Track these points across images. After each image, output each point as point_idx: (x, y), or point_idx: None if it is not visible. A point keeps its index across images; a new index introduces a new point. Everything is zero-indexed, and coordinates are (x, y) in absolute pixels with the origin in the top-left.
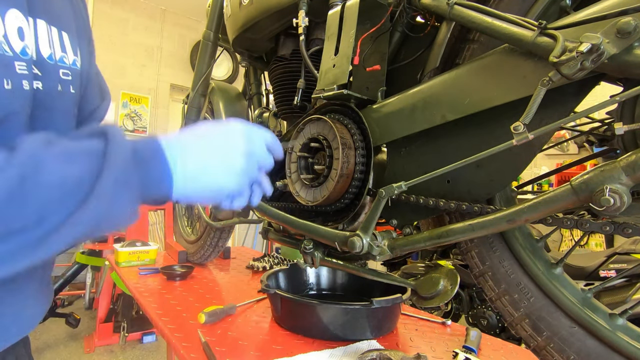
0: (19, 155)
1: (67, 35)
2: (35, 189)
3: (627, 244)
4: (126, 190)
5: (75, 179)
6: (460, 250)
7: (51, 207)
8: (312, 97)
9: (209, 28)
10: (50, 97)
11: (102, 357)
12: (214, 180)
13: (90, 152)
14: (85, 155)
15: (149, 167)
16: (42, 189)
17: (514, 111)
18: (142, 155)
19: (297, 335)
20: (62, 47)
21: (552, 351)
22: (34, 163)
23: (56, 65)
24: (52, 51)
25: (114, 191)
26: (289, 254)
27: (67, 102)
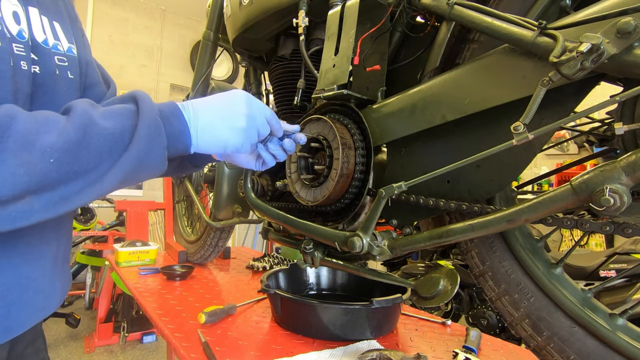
0: (77, 112)
1: (59, 25)
2: (93, 138)
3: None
4: (156, 139)
5: (119, 130)
6: (460, 250)
7: (105, 153)
8: (312, 97)
9: (209, 28)
10: (49, 79)
11: (102, 357)
12: (221, 134)
13: (128, 111)
14: (124, 113)
15: (171, 122)
16: (98, 138)
17: (514, 111)
18: (166, 113)
19: (297, 335)
20: (55, 35)
21: (552, 351)
22: (89, 118)
23: (51, 51)
24: (45, 37)
25: (148, 139)
26: (289, 254)
27: (67, 86)
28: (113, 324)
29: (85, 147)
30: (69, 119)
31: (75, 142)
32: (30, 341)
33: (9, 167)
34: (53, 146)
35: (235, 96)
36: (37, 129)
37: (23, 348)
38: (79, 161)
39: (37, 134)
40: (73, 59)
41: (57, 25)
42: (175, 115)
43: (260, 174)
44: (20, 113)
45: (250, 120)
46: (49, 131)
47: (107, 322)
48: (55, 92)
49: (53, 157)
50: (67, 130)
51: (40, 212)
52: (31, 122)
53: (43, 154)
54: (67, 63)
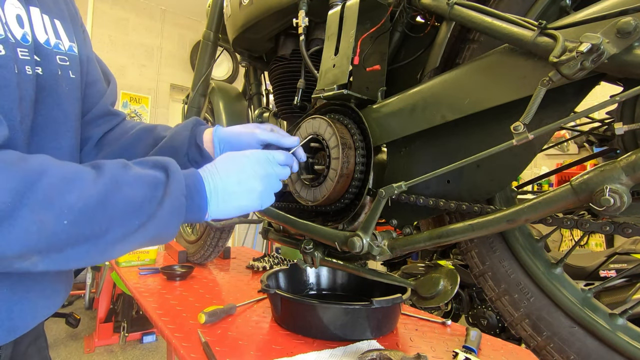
0: (106, 175)
1: (60, 23)
2: (115, 203)
3: (627, 244)
4: (177, 216)
5: (142, 201)
6: (460, 250)
7: (120, 220)
8: (312, 97)
9: (209, 28)
10: (51, 81)
11: (102, 357)
12: (239, 202)
13: (157, 181)
14: (152, 183)
15: (193, 198)
16: (119, 204)
17: (514, 111)
18: (191, 189)
19: (297, 335)
20: (56, 34)
21: (552, 351)
22: (115, 183)
23: (52, 51)
24: (47, 36)
25: (169, 216)
26: (289, 254)
27: (69, 86)
28: (113, 324)
29: (102, 212)
30: (96, 180)
31: (94, 206)
32: (32, 340)
33: (24, 223)
34: (72, 208)
35: (250, 159)
36: (61, 187)
37: (25, 347)
38: (92, 225)
39: (60, 193)
40: (74, 57)
41: (58, 23)
42: (198, 191)
43: None
44: (51, 168)
45: (267, 180)
46: (72, 191)
47: (107, 322)
48: (58, 93)
49: (68, 219)
50: (90, 192)
51: (41, 269)
52: (58, 179)
53: (59, 214)
54: (69, 62)
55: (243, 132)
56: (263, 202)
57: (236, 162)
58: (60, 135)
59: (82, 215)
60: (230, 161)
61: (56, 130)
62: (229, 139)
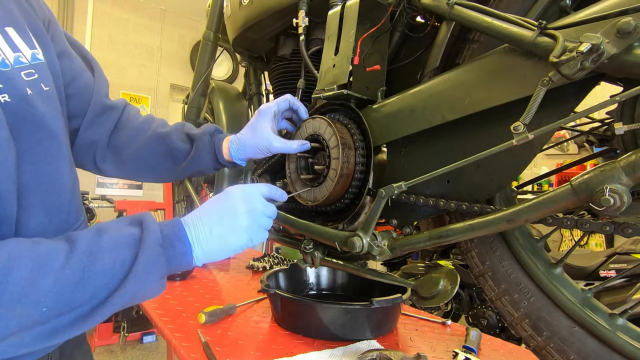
0: (78, 249)
1: (14, 30)
2: (91, 277)
3: (627, 244)
4: (155, 268)
5: (119, 263)
6: (460, 250)
7: (101, 287)
8: (312, 97)
9: (209, 28)
10: (23, 104)
11: (102, 357)
12: (226, 242)
13: (131, 238)
14: (126, 242)
15: (174, 245)
16: (96, 276)
17: (514, 111)
18: (170, 237)
19: (297, 335)
20: (12, 47)
21: (552, 351)
22: (90, 256)
23: (14, 70)
24: (2, 57)
25: (146, 269)
26: (289, 254)
27: (45, 101)
28: (113, 324)
29: (81, 288)
30: (69, 256)
31: (71, 285)
32: (75, 345)
33: (2, 321)
34: (48, 294)
35: (229, 196)
36: (34, 277)
37: (71, 350)
38: (72, 301)
39: (34, 284)
40: (41, 66)
41: (10, 31)
42: (178, 237)
43: (260, 174)
44: (19, 258)
45: (251, 215)
46: (47, 275)
47: (107, 322)
48: (34, 115)
49: (47, 305)
50: (65, 273)
51: (31, 345)
52: (28, 269)
53: (37, 304)
54: (37, 75)
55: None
56: (252, 237)
57: (218, 203)
58: (53, 156)
59: (60, 297)
60: (212, 203)
61: (46, 152)
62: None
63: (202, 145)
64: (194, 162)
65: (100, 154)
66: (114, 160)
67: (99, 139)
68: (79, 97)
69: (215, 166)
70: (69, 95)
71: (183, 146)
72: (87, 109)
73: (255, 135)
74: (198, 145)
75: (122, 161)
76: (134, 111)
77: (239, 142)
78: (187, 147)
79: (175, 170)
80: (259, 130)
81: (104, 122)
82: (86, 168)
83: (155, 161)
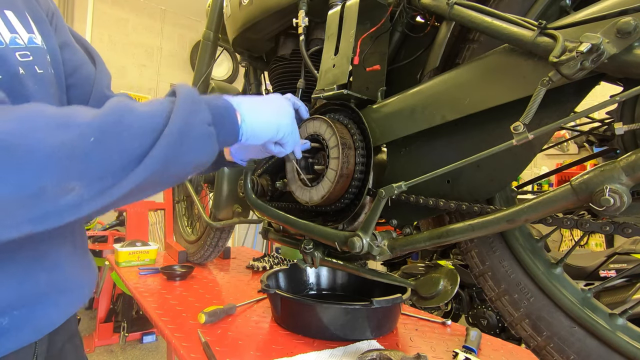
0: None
1: (13, 13)
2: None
3: (627, 244)
4: (197, 111)
5: (159, 111)
6: (460, 250)
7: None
8: (312, 97)
9: (209, 28)
10: (14, 82)
11: (102, 357)
12: (270, 118)
13: (166, 99)
14: (162, 100)
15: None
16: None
17: (514, 111)
18: (208, 98)
19: (297, 335)
20: (9, 28)
21: (552, 351)
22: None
23: (8, 49)
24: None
25: (188, 110)
26: (289, 254)
27: (38, 84)
28: (113, 324)
29: (125, 128)
30: (102, 108)
31: (112, 123)
32: (67, 338)
33: (47, 148)
34: (90, 124)
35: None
36: (66, 114)
37: (61, 344)
38: (120, 141)
39: (68, 117)
40: (38, 50)
41: (9, 14)
42: (219, 98)
43: (260, 174)
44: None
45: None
46: (80, 115)
47: (107, 322)
48: (25, 94)
49: (94, 135)
50: (100, 114)
51: (89, 204)
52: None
53: (81, 133)
54: (32, 57)
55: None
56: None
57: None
58: None
59: (105, 133)
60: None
61: None
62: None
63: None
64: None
65: None
66: None
67: None
68: (80, 88)
69: (216, 165)
70: (71, 85)
71: None
72: (88, 100)
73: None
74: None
75: None
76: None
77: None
78: None
79: None
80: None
81: None
82: None
83: None
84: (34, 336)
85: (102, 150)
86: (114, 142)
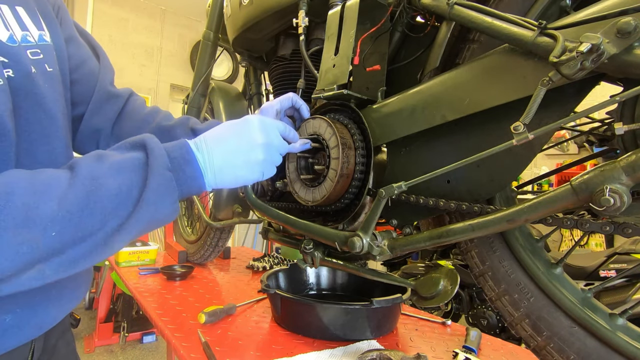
0: (80, 173)
1: (24, 9)
2: (97, 202)
3: (627, 244)
4: (167, 192)
5: (126, 189)
6: (460, 250)
7: (111, 214)
8: (312, 97)
9: (209, 28)
10: (26, 81)
11: (102, 357)
12: (239, 172)
13: (136, 162)
14: (132, 165)
15: (184, 169)
16: (102, 201)
17: (514, 111)
18: (178, 160)
19: (297, 335)
20: (21, 26)
21: (552, 351)
22: (93, 180)
23: (20, 47)
24: (10, 32)
25: (158, 195)
26: (289, 254)
27: (48, 82)
28: (113, 324)
29: (88, 214)
30: (71, 181)
31: (77, 210)
32: (60, 334)
33: (12, 247)
34: (54, 219)
35: (248, 125)
36: (36, 201)
37: (55, 340)
38: (82, 228)
39: (37, 208)
40: (47, 47)
41: (20, 11)
42: (187, 160)
43: None
44: (17, 184)
45: (267, 149)
46: (49, 200)
47: (107, 322)
48: (36, 93)
49: (55, 230)
50: (69, 198)
51: (53, 275)
52: (29, 195)
53: (44, 229)
54: (42, 55)
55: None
56: (265, 172)
57: (235, 130)
58: (50, 136)
59: (67, 222)
60: (228, 128)
61: (43, 132)
62: None
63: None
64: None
65: (103, 143)
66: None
67: (103, 127)
68: (84, 83)
69: None
70: (75, 81)
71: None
72: (91, 96)
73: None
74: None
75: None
76: (140, 101)
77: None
78: None
79: None
80: None
81: (108, 110)
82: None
83: None
84: (35, 333)
85: (62, 240)
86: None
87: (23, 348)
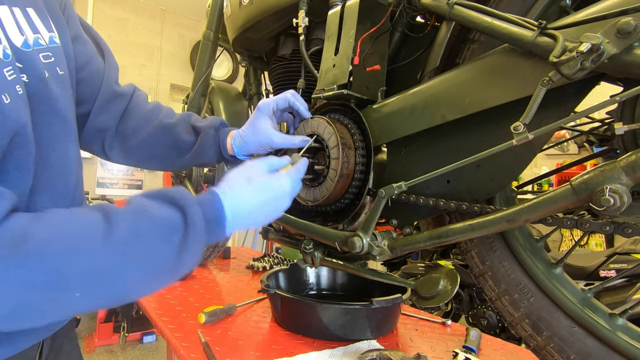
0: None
1: (34, 11)
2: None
3: (627, 244)
4: (197, 253)
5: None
6: (460, 250)
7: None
8: (312, 97)
9: (209, 28)
10: (40, 86)
11: (102, 357)
12: (258, 222)
13: (173, 226)
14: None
15: (214, 230)
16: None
17: (514, 111)
18: (212, 224)
19: (297, 335)
20: (32, 28)
21: (552, 351)
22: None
23: (34, 51)
24: (24, 37)
25: (190, 260)
26: (289, 254)
27: (60, 85)
28: (113, 324)
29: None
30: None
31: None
32: (65, 333)
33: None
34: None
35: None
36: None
37: (61, 339)
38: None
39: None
40: (57, 50)
41: (31, 12)
42: (219, 224)
43: None
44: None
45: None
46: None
47: (107, 322)
48: (50, 98)
49: (80, 292)
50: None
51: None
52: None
53: (71, 289)
54: (54, 58)
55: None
56: (275, 217)
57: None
58: (63, 141)
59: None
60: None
61: (56, 137)
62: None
63: (207, 139)
64: (198, 154)
65: (108, 141)
66: (121, 148)
67: (109, 126)
68: (90, 82)
69: (218, 160)
70: (81, 80)
71: (188, 138)
72: (97, 95)
73: (255, 132)
74: (203, 138)
75: (129, 149)
76: (142, 97)
77: (241, 139)
78: (192, 139)
79: (179, 161)
80: (259, 128)
81: (114, 109)
82: (94, 153)
83: (161, 151)
84: (47, 333)
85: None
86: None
87: (33, 347)
